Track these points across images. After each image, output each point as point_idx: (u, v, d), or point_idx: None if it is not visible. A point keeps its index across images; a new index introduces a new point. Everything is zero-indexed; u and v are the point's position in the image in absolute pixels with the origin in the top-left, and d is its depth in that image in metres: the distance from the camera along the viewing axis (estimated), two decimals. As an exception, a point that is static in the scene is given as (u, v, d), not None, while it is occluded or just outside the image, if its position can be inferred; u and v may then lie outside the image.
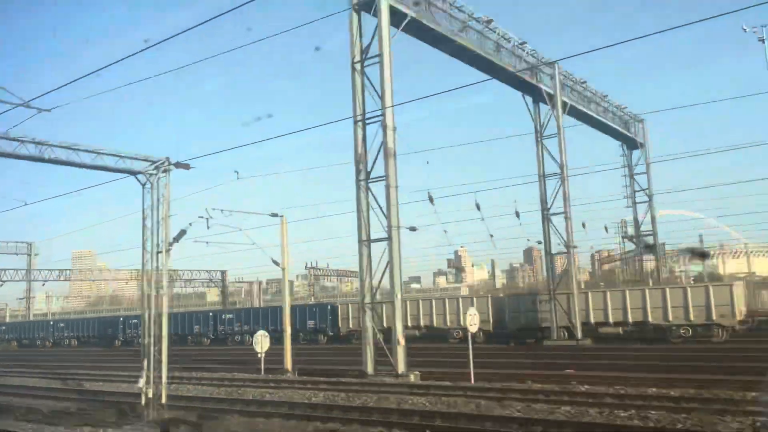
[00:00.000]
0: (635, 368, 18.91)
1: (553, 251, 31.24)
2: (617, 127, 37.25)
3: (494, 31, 26.26)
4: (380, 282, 18.95)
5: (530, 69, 28.97)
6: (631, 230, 44.42)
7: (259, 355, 20.82)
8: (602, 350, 26.47)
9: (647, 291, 28.72)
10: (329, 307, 40.03)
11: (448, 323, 34.17)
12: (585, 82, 33.63)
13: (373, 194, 19.26)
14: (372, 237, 19.27)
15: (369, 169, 19.35)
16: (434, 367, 20.36)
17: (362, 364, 18.87)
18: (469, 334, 17.54)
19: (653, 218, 40.72)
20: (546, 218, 30.43)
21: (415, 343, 34.48)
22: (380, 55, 19.14)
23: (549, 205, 30.46)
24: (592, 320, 29.58)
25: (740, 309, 26.60)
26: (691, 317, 27.04)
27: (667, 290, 28.18)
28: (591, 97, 35.42)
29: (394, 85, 19.16)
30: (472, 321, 17.19)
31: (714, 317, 26.54)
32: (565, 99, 31.60)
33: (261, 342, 20.86)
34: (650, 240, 40.51)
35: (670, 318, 27.56)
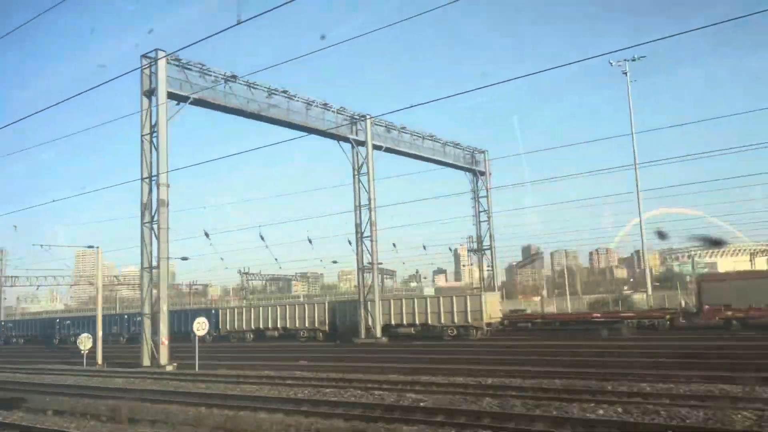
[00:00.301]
0: (379, 360, 25.45)
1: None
2: (442, 159, 44.26)
3: (295, 96, 33.35)
4: (157, 296, 26.09)
5: (337, 126, 35.98)
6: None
7: (82, 352, 27.99)
8: (385, 346, 33.65)
9: (428, 299, 35.93)
10: (213, 311, 47.16)
11: (297, 325, 41.33)
12: (404, 127, 40.68)
13: (155, 234, 26.36)
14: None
15: (153, 213, 26.48)
16: (221, 361, 27.38)
17: (140, 358, 26.05)
18: (196, 337, 24.52)
19: (491, 235, 47.89)
20: (360, 240, 37.55)
21: (271, 342, 41.82)
22: (158, 131, 26.27)
23: (363, 230, 37.58)
24: (393, 322, 36.75)
25: (489, 314, 33.79)
26: (455, 320, 34.26)
27: (440, 299, 35.44)
28: (423, 137, 42.61)
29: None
30: (200, 327, 24.28)
31: (470, 320, 33.76)
32: (380, 143, 38.72)
33: (84, 342, 28.02)
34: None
35: (443, 320, 34.76)
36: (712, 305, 31.93)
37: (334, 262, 55.38)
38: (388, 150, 39.52)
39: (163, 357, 25.11)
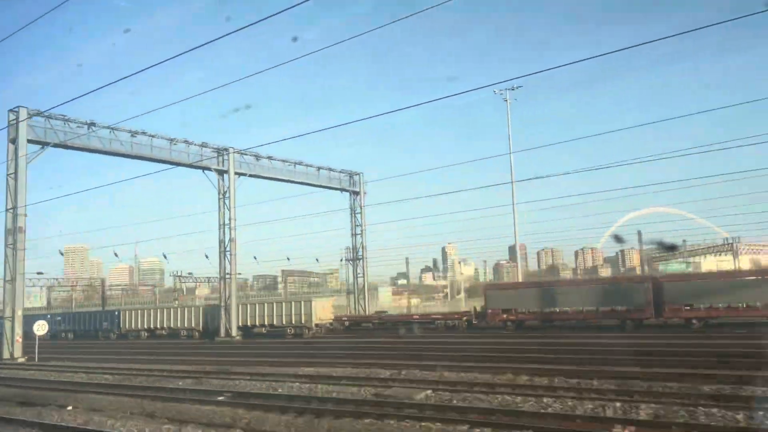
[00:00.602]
0: (207, 354, 32.23)
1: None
2: (315, 182, 51.22)
3: (156, 135, 40.09)
4: (13, 303, 32.84)
5: (202, 159, 42.80)
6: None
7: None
8: (233, 343, 40.47)
9: (274, 304, 42.91)
10: (116, 312, 53.87)
11: (179, 325, 48.10)
12: (271, 156, 47.48)
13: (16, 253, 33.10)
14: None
15: (14, 238, 33.20)
16: (75, 355, 34.21)
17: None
18: (36, 336, 31.26)
19: (364, 246, 54.89)
20: (222, 254, 44.41)
21: (158, 339, 48.53)
22: (16, 172, 33.00)
23: (226, 246, 44.41)
24: (249, 323, 43.64)
25: (319, 316, 40.79)
26: (293, 321, 41.23)
27: (283, 303, 42.45)
28: (295, 164, 49.55)
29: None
30: (40, 328, 31.04)
31: (303, 322, 40.75)
32: (247, 171, 45.60)
33: (-37, 339, 34.71)
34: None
35: (284, 322, 41.73)
36: (494, 309, 38.98)
37: (189, 275, 61.46)
38: (254, 176, 46.46)
39: (17, 351, 31.90)
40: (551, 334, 32.83)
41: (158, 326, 49.28)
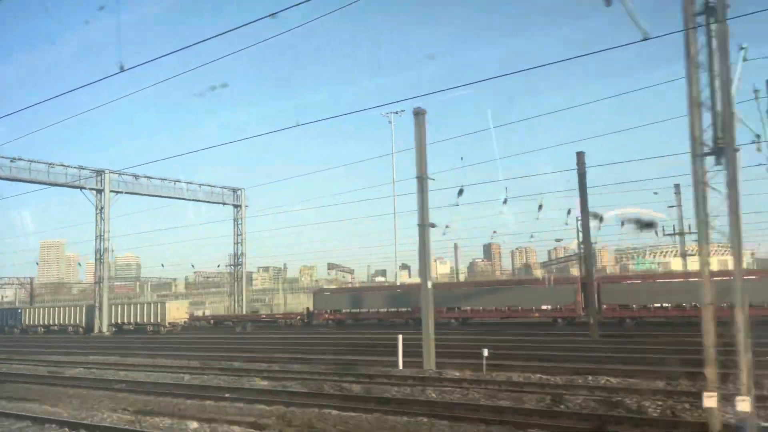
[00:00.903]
0: (59, 347, 39.27)
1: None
2: (196, 198, 58.29)
3: (34, 161, 46.91)
4: None
5: (80, 179, 49.66)
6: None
7: None
8: (99, 337, 47.44)
9: (138, 305, 50.08)
10: (19, 310, 60.53)
11: (67, 321, 54.86)
12: (147, 175, 54.45)
13: None
14: None
15: None
16: None
17: None
18: None
19: (243, 253, 62.17)
20: (98, 261, 51.35)
21: (49, 335, 55.22)
22: None
23: (100, 255, 51.40)
24: (119, 321, 50.67)
25: (173, 316, 48.02)
26: (152, 320, 48.38)
27: (144, 305, 49.60)
28: (174, 181, 56.57)
29: None
30: None
31: (159, 320, 47.94)
32: (124, 189, 52.56)
33: None
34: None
35: (145, 320, 48.84)
36: (319, 310, 46.48)
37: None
38: (130, 193, 53.47)
39: None
40: (344, 330, 40.22)
41: (52, 323, 56.03)
